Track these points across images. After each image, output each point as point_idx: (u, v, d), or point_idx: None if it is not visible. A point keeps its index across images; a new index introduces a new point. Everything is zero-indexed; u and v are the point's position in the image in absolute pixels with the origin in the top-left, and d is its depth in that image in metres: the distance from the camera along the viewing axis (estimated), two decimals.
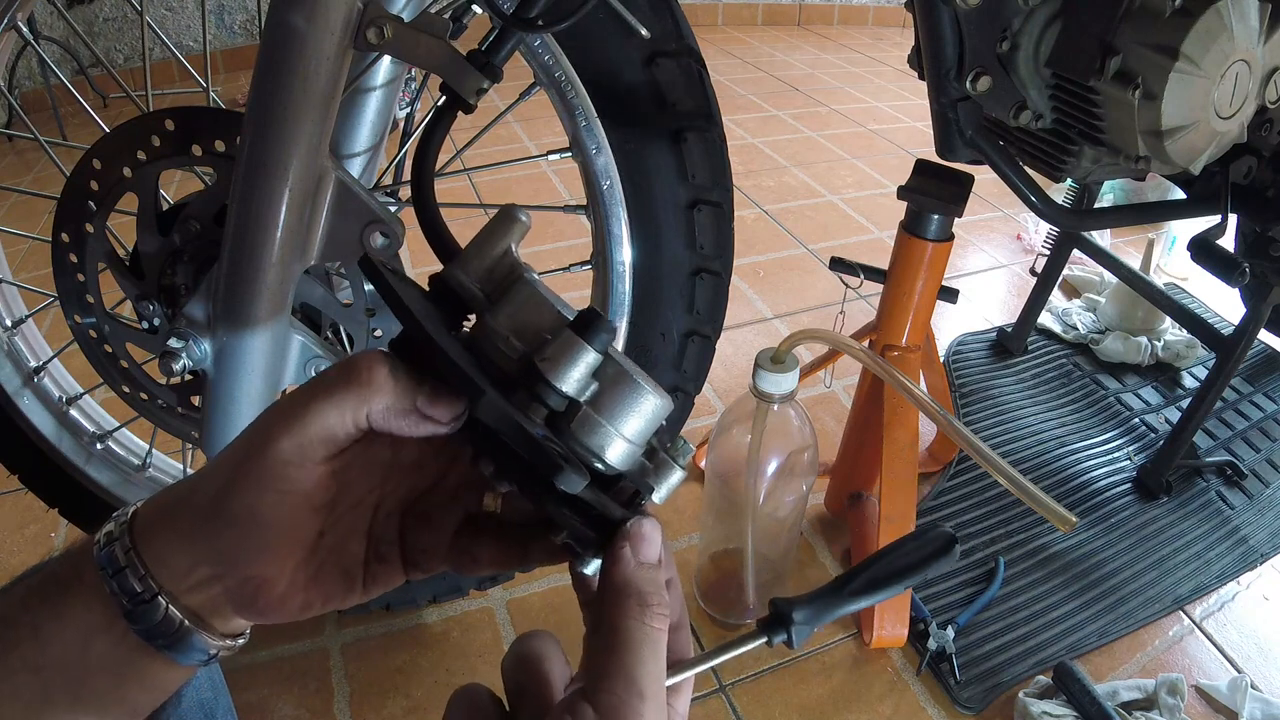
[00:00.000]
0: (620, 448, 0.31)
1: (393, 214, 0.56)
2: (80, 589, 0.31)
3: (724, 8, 3.54)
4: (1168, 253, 1.63)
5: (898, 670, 0.90)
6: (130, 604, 0.30)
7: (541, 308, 0.31)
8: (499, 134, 2.20)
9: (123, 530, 0.31)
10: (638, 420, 0.31)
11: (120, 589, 0.30)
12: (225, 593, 0.31)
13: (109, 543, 0.31)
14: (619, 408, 0.31)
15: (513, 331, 0.31)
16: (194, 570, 0.31)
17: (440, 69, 0.51)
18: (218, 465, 0.31)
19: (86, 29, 2.55)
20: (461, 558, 0.35)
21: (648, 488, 0.33)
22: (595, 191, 0.69)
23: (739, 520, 0.86)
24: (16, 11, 0.67)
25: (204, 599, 0.31)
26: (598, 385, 0.31)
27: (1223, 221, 0.84)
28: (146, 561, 0.30)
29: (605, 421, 0.30)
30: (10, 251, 1.25)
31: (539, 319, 0.31)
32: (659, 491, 0.34)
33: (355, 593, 0.34)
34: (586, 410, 0.30)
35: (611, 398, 0.31)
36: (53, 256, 0.65)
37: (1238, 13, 0.64)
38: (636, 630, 0.29)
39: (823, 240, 1.78)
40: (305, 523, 0.31)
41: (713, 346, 0.78)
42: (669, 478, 0.34)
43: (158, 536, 0.31)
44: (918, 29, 0.71)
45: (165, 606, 0.30)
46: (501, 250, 0.33)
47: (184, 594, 0.31)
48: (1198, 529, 1.06)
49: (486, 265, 0.33)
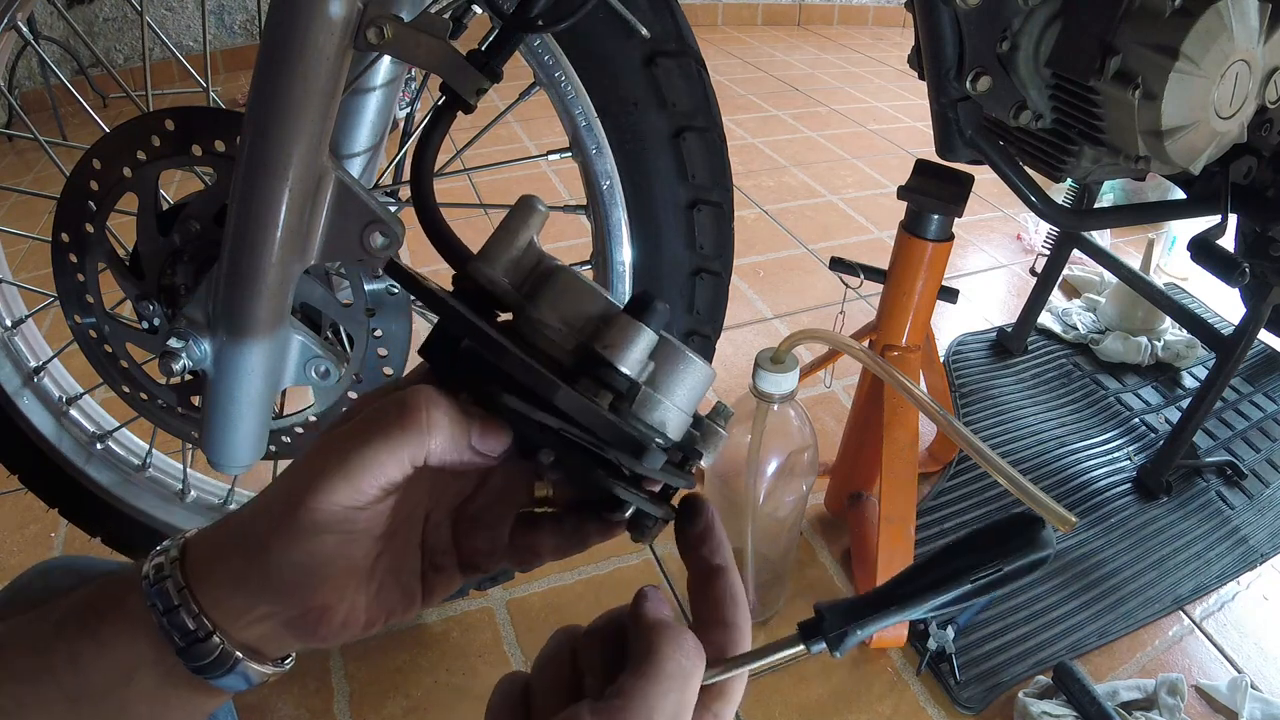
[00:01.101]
0: (679, 420, 0.32)
1: (393, 214, 0.56)
2: (123, 620, 0.30)
3: (724, 8, 3.54)
4: (1168, 253, 1.63)
5: (898, 670, 0.90)
6: (184, 641, 0.29)
7: (587, 294, 0.32)
8: (499, 134, 2.20)
9: (174, 568, 0.30)
10: (691, 392, 0.32)
11: (172, 624, 0.29)
12: (284, 625, 0.30)
13: (159, 578, 0.30)
14: (675, 383, 0.32)
15: (562, 321, 0.31)
16: (251, 609, 0.30)
17: (440, 69, 0.51)
18: (270, 506, 0.30)
19: (86, 29, 2.55)
20: (522, 554, 0.35)
21: (696, 454, 0.34)
22: (595, 191, 0.69)
23: (739, 520, 0.86)
24: (16, 11, 0.67)
25: (260, 633, 0.31)
26: (653, 364, 0.32)
27: (1223, 221, 0.84)
28: (200, 600, 0.30)
29: (664, 398, 0.31)
30: (10, 251, 1.25)
31: (587, 306, 0.31)
32: (708, 456, 0.35)
33: (415, 604, 0.34)
34: (646, 390, 0.31)
35: (668, 374, 0.32)
36: (53, 256, 0.65)
37: (1238, 13, 0.64)
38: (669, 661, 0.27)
39: (823, 240, 1.78)
40: (365, 554, 0.31)
41: (713, 346, 0.78)
42: (717, 442, 0.35)
43: (211, 575, 0.30)
44: (918, 29, 0.71)
45: (220, 643, 0.30)
46: (526, 241, 0.33)
47: (239, 630, 0.30)
48: (1198, 529, 1.06)
49: (513, 257, 0.33)
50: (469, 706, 0.86)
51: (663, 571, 1.01)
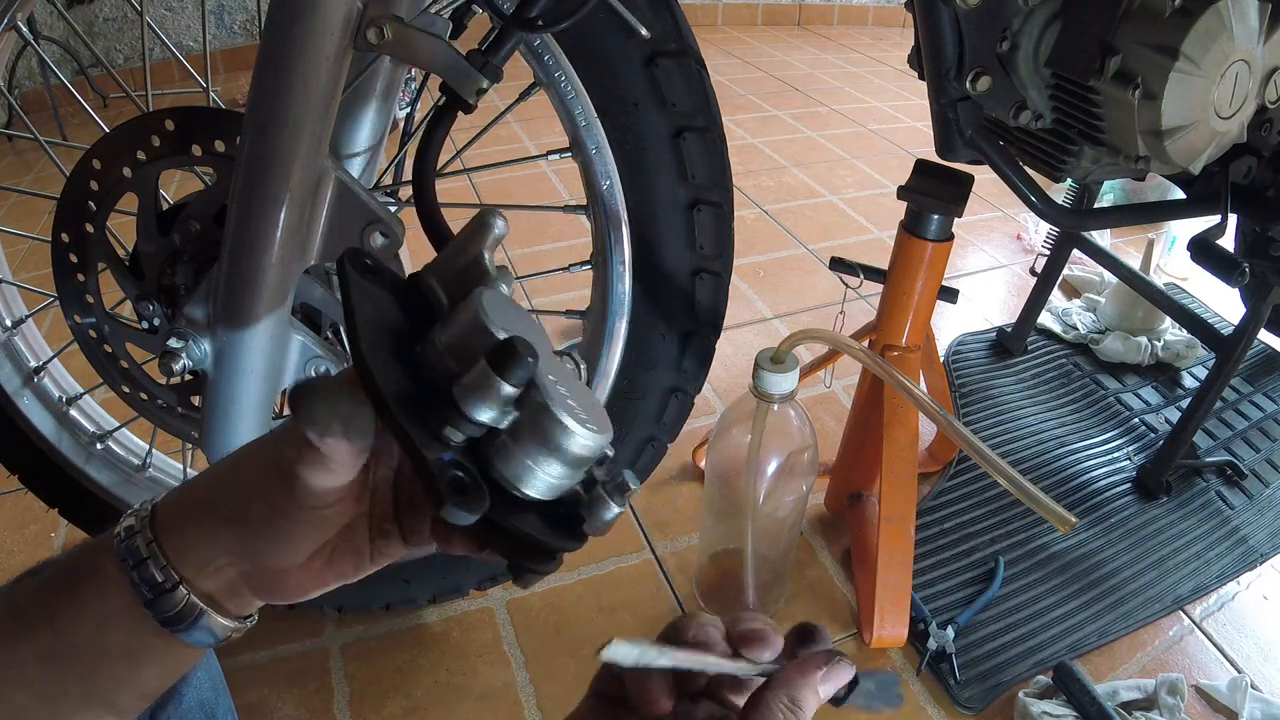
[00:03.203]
0: (539, 479, 0.30)
1: (393, 214, 0.56)
2: (97, 579, 0.32)
3: (724, 8, 3.54)
4: (1168, 253, 1.63)
5: (898, 670, 0.90)
6: (151, 593, 0.32)
7: (478, 329, 0.30)
8: (499, 134, 2.20)
9: (144, 524, 0.33)
10: (557, 453, 0.29)
11: (141, 579, 0.32)
12: (242, 578, 0.33)
13: (129, 536, 0.32)
14: (536, 441, 0.29)
15: (449, 349, 0.30)
16: (213, 560, 0.32)
17: (440, 69, 0.51)
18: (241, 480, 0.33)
19: (86, 29, 2.55)
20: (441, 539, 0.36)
21: (579, 519, 0.31)
22: (595, 191, 0.69)
23: (739, 520, 0.86)
24: (16, 11, 0.67)
25: (221, 584, 0.33)
26: (518, 415, 0.29)
27: (1223, 221, 0.84)
28: (168, 554, 0.32)
29: (521, 453, 0.29)
30: (10, 251, 1.25)
31: (475, 340, 0.30)
32: (589, 524, 0.31)
33: (365, 567, 0.35)
34: (504, 439, 0.29)
35: (530, 430, 0.29)
36: (53, 256, 0.65)
37: (1238, 13, 0.64)
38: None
39: (823, 240, 1.78)
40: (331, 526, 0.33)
41: (713, 346, 0.78)
42: (602, 512, 0.31)
43: (179, 531, 0.32)
44: (918, 29, 0.71)
45: (186, 594, 0.32)
46: (472, 256, 0.33)
47: (201, 581, 0.32)
48: (1198, 529, 1.06)
49: (457, 270, 0.33)
50: (469, 706, 0.86)
51: (663, 571, 1.01)
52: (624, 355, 0.75)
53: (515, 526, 0.29)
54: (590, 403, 0.31)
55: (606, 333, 0.74)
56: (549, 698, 0.86)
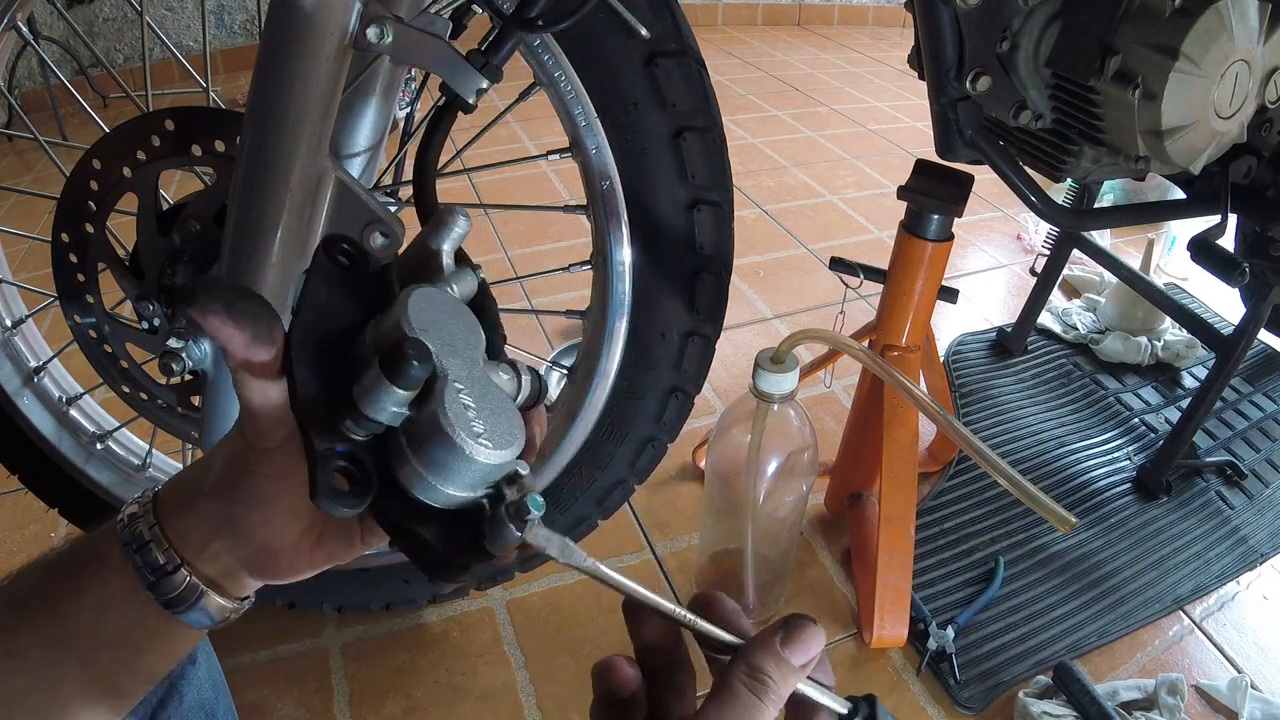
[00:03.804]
0: (431, 489, 0.28)
1: (393, 214, 0.56)
2: (99, 566, 0.33)
3: (724, 8, 3.54)
4: (1168, 253, 1.63)
5: (898, 670, 0.90)
6: (154, 576, 0.33)
7: (394, 326, 0.29)
8: (499, 134, 2.20)
9: (146, 509, 0.34)
10: (443, 466, 0.28)
11: (145, 562, 0.33)
12: (239, 560, 0.34)
13: (132, 522, 0.34)
14: (423, 449, 0.28)
15: (373, 343, 0.30)
16: (211, 543, 0.34)
17: (440, 69, 0.51)
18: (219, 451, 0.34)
19: (86, 29, 2.55)
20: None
21: (480, 536, 0.30)
22: (595, 191, 0.69)
23: (739, 520, 0.86)
24: (16, 11, 0.67)
25: (220, 567, 0.34)
26: (411, 418, 0.29)
27: (1223, 221, 0.84)
28: (170, 537, 0.33)
29: (412, 459, 0.28)
30: (10, 251, 1.25)
31: (391, 337, 0.29)
32: (490, 543, 0.29)
33: (356, 547, 0.36)
34: (400, 440, 0.29)
35: (418, 438, 0.28)
36: (53, 256, 0.65)
37: (1238, 13, 0.64)
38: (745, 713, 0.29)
39: (823, 240, 1.78)
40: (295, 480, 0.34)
41: (713, 346, 0.78)
42: (502, 533, 0.29)
43: (178, 515, 0.34)
44: (918, 29, 0.71)
45: (187, 575, 0.33)
46: (431, 250, 0.33)
47: (201, 563, 0.34)
48: (1198, 529, 1.06)
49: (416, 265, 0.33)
50: (469, 706, 0.86)
51: (663, 571, 1.01)
52: (624, 355, 0.75)
53: (415, 531, 0.28)
54: (504, 418, 0.30)
55: (606, 333, 0.74)
56: (549, 698, 0.86)
